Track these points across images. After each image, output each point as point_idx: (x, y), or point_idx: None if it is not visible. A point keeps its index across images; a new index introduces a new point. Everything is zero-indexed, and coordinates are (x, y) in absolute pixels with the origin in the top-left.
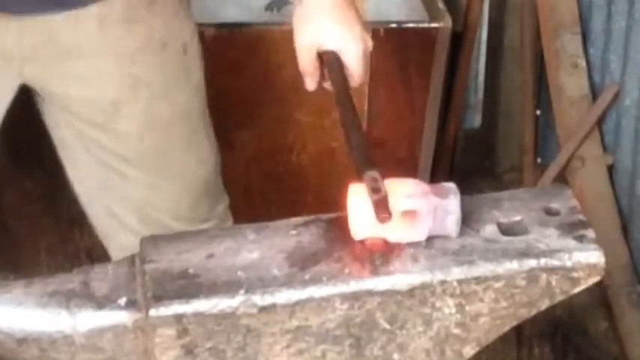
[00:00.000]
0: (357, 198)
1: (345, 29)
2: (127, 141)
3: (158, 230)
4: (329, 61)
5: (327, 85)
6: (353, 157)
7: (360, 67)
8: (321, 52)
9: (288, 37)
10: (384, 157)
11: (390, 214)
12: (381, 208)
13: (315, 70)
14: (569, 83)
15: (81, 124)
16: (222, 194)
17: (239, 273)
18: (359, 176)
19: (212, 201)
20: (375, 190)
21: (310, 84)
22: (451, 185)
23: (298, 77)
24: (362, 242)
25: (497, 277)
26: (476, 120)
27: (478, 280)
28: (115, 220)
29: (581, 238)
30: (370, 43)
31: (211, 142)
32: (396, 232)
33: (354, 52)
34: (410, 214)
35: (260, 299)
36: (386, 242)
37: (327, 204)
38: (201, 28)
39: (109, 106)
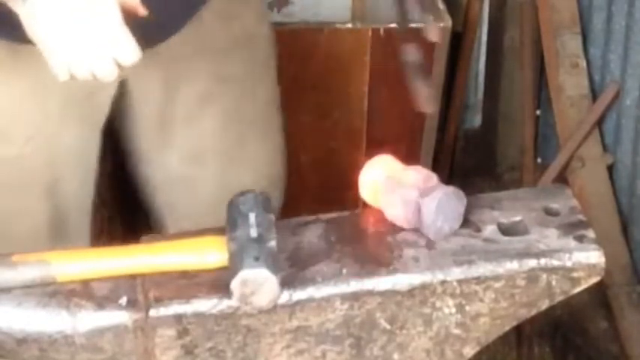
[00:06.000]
0: (375, 169)
1: None
2: (208, 134)
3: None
4: None
5: None
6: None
7: None
8: None
9: (289, 37)
10: None
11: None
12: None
13: None
14: (569, 83)
15: (162, 120)
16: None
17: None
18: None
19: (279, 194)
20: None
21: None
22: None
23: (298, 77)
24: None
25: (497, 277)
26: (476, 120)
27: (478, 280)
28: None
29: (581, 238)
30: None
31: (281, 127)
32: (393, 210)
33: None
34: (415, 203)
35: None
36: (383, 215)
37: (327, 204)
38: None
39: (194, 101)
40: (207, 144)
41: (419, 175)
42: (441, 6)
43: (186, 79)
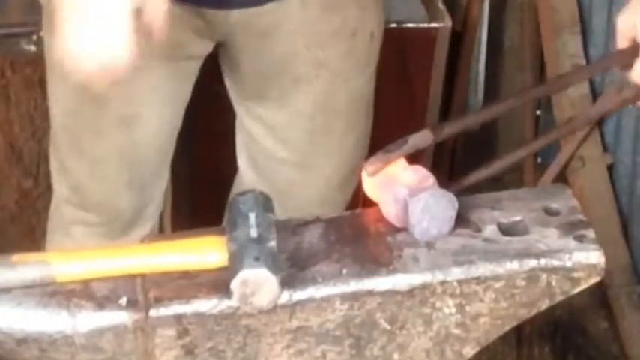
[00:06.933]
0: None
1: None
2: (295, 117)
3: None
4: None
5: None
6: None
7: None
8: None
9: None
10: None
11: (373, 172)
12: (373, 161)
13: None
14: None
15: (249, 99)
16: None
17: None
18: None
19: (352, 187)
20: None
21: None
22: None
23: None
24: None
25: (497, 277)
26: None
27: (478, 280)
28: None
29: (581, 238)
30: None
31: (369, 123)
32: (386, 208)
33: None
34: (404, 202)
35: None
36: (383, 215)
37: None
38: None
39: (288, 83)
40: (293, 126)
41: (415, 175)
42: (441, 6)
43: (283, 56)
